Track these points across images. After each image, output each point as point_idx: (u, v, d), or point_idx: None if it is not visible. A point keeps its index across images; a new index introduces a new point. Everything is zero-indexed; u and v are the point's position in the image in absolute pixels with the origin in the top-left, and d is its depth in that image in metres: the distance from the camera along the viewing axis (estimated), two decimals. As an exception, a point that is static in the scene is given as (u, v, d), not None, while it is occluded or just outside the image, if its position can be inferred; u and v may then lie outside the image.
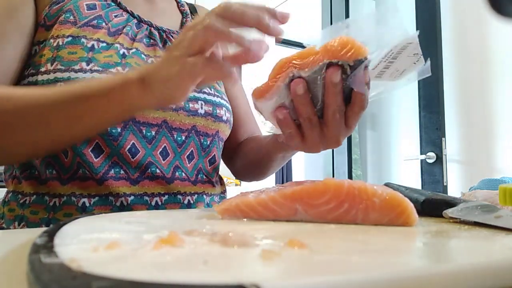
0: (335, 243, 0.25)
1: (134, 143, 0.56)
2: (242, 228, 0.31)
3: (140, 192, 0.57)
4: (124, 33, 0.60)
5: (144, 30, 0.64)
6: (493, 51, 1.75)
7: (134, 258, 0.20)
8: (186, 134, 0.61)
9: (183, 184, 0.61)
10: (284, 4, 3.32)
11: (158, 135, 0.59)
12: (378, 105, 2.36)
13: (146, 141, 0.57)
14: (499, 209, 0.35)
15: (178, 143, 0.61)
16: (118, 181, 0.55)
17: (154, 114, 0.59)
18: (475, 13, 1.82)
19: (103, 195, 0.55)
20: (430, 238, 0.28)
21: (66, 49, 0.55)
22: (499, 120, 1.72)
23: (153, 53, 0.63)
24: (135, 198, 0.56)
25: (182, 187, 0.61)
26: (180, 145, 0.61)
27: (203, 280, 0.16)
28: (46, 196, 0.55)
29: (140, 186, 0.57)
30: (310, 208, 0.34)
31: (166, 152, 0.59)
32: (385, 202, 0.33)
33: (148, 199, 0.57)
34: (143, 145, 0.57)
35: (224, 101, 0.69)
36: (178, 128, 0.61)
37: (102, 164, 0.55)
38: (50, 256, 0.20)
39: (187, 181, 0.62)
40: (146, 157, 0.57)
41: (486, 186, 0.65)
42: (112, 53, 0.57)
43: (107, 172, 0.55)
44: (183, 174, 0.61)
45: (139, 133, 0.57)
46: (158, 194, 0.58)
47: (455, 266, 0.20)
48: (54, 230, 0.27)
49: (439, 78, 1.85)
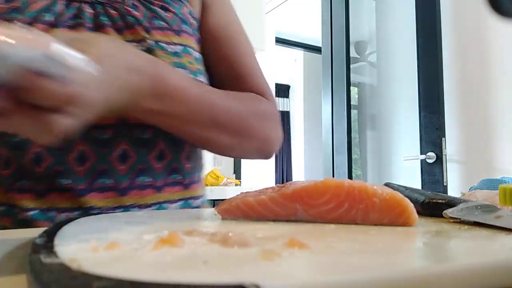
0: (335, 243, 0.25)
1: (40, 150, 0.48)
2: (242, 228, 0.31)
3: (46, 207, 0.48)
4: (41, 21, 0.50)
5: (72, 10, 0.52)
6: (493, 51, 1.75)
7: (134, 258, 0.20)
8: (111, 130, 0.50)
9: (103, 195, 0.50)
10: (284, 4, 3.32)
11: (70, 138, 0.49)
12: (378, 105, 2.36)
13: (54, 147, 0.48)
14: (499, 209, 0.35)
15: (101, 142, 0.49)
16: (22, 193, 0.48)
17: None
18: (475, 13, 1.82)
19: (9, 205, 0.49)
20: (430, 238, 0.28)
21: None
22: (499, 120, 1.72)
23: None
24: (38, 212, 0.48)
25: (99, 200, 0.49)
26: (104, 145, 0.50)
27: (203, 280, 0.16)
28: None
29: (47, 199, 0.48)
30: (310, 208, 0.34)
31: (83, 156, 0.49)
32: (385, 202, 0.33)
33: (53, 214, 0.48)
34: (51, 151, 0.48)
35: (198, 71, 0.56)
36: (97, 123, 0.47)
37: (9, 176, 0.49)
38: (50, 256, 0.20)
39: (113, 190, 0.50)
40: (54, 165, 0.48)
41: (486, 186, 0.65)
42: None
43: (13, 184, 0.49)
44: (108, 182, 0.50)
45: None
46: (67, 209, 0.49)
47: (455, 266, 0.20)
48: (54, 230, 0.27)
49: (439, 78, 1.85)
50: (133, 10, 0.55)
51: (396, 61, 2.23)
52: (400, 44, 2.19)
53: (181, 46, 0.56)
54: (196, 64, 0.58)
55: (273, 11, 3.39)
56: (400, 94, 2.18)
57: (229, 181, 1.91)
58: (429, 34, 1.88)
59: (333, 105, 2.34)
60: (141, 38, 0.53)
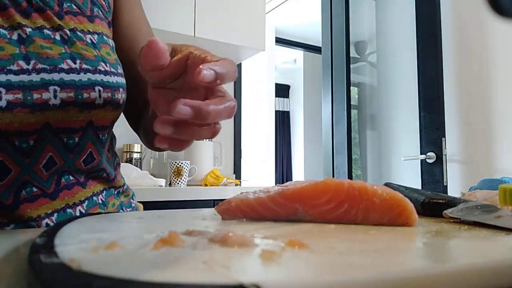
0: (335, 243, 0.25)
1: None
2: (242, 228, 0.31)
3: None
4: None
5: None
6: (493, 51, 1.75)
7: (134, 258, 0.20)
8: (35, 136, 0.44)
9: (35, 204, 0.46)
10: (284, 4, 3.31)
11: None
12: (378, 105, 2.36)
13: None
14: (499, 209, 0.35)
15: (24, 151, 0.44)
16: None
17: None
18: (475, 13, 1.82)
19: None
20: (430, 238, 0.28)
21: None
22: (499, 120, 1.72)
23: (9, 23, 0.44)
24: None
25: (34, 210, 0.45)
26: (27, 153, 0.44)
27: (203, 280, 0.16)
28: None
29: None
30: (310, 208, 0.34)
31: (4, 168, 0.44)
32: (385, 202, 0.33)
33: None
34: None
35: (101, 75, 0.49)
36: (19, 131, 0.43)
37: None
38: (50, 256, 0.20)
39: (42, 197, 0.46)
40: None
41: (486, 186, 0.65)
42: None
43: None
44: (34, 190, 0.45)
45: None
46: (3, 223, 0.44)
47: (455, 266, 0.20)
48: (54, 230, 0.27)
49: (439, 78, 1.85)
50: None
51: (396, 61, 2.23)
52: (400, 44, 2.19)
53: (97, 35, 0.52)
54: (113, 54, 0.54)
55: (273, 11, 3.39)
56: (400, 94, 2.18)
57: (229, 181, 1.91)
58: (429, 34, 1.88)
59: (333, 105, 2.34)
60: (57, 25, 0.48)
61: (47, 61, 0.44)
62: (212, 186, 1.85)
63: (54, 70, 0.45)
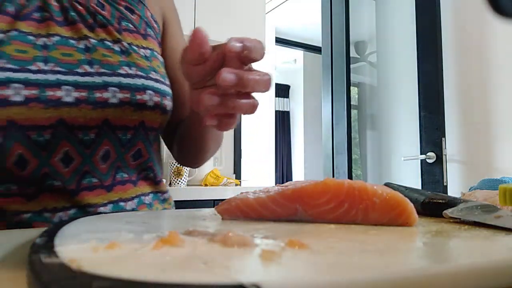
0: (335, 243, 0.25)
1: (22, 153, 0.47)
2: (242, 228, 0.31)
3: (39, 209, 0.48)
4: (2, 12, 0.48)
5: (35, 2, 0.51)
6: (493, 51, 1.75)
7: (134, 258, 0.20)
8: (95, 131, 0.50)
9: (94, 193, 0.51)
10: (284, 4, 3.32)
11: (54, 139, 0.48)
12: (378, 105, 2.36)
13: (38, 149, 0.47)
14: (499, 209, 0.35)
15: (86, 144, 0.50)
16: (10, 197, 0.47)
17: (43, 114, 0.47)
18: (475, 13, 1.82)
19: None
20: (430, 238, 0.28)
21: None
22: (499, 120, 1.72)
23: (46, 31, 0.50)
24: (32, 215, 0.48)
25: (93, 197, 0.51)
26: (88, 146, 0.50)
27: (203, 280, 0.16)
28: None
29: (38, 201, 0.48)
30: (310, 208, 0.34)
31: (68, 157, 0.49)
32: (385, 202, 0.33)
33: (49, 215, 0.48)
34: (35, 154, 0.47)
35: (152, 81, 0.56)
36: (83, 125, 0.50)
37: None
38: (50, 256, 0.20)
39: (100, 188, 0.52)
40: (40, 168, 0.47)
41: (486, 186, 0.65)
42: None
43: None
44: (94, 180, 0.51)
45: (26, 139, 0.46)
46: (62, 208, 0.49)
47: (455, 266, 0.20)
48: (54, 230, 0.27)
49: (439, 78, 1.85)
50: (100, 8, 0.56)
51: (396, 61, 2.23)
52: (400, 44, 2.19)
53: (149, 50, 0.60)
54: (162, 68, 0.62)
55: (273, 11, 3.39)
56: (400, 94, 2.18)
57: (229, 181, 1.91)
58: (429, 34, 1.88)
59: (333, 105, 2.34)
60: (116, 39, 0.56)
61: (108, 66, 0.52)
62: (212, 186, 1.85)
63: (113, 74, 0.52)
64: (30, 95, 0.46)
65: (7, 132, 0.45)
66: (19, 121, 0.46)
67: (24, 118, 0.46)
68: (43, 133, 0.47)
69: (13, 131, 0.46)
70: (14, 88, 0.45)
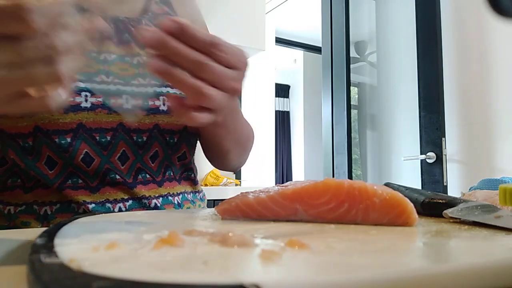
0: (335, 243, 0.25)
1: (87, 151, 0.54)
2: (242, 228, 0.31)
3: (102, 200, 0.55)
4: None
5: None
6: (493, 51, 1.75)
7: (134, 258, 0.20)
8: (147, 134, 0.58)
9: (147, 187, 0.58)
10: (284, 4, 3.32)
11: (114, 140, 0.56)
12: (378, 105, 2.36)
13: (100, 148, 0.55)
14: (499, 209, 0.35)
15: (139, 144, 0.58)
16: (77, 190, 0.54)
17: (107, 118, 0.55)
18: (475, 13, 1.82)
19: (64, 202, 0.54)
20: (430, 238, 0.28)
21: None
22: (499, 120, 1.72)
23: (106, 48, 0.58)
24: (96, 205, 0.54)
25: (147, 191, 0.58)
26: (141, 146, 0.58)
27: (203, 280, 0.16)
28: (0, 204, 0.54)
29: (101, 193, 0.55)
30: (310, 208, 0.34)
31: (125, 156, 0.57)
32: (385, 202, 0.33)
33: (110, 206, 0.55)
34: (98, 153, 0.54)
35: None
36: (137, 129, 0.57)
37: (57, 176, 0.53)
38: (50, 256, 0.20)
39: (152, 183, 0.59)
40: (103, 165, 0.55)
41: (486, 186, 0.65)
42: None
43: (64, 182, 0.54)
44: (147, 176, 0.59)
45: (92, 140, 0.54)
46: (121, 200, 0.56)
47: (455, 266, 0.20)
48: (54, 230, 0.28)
49: (439, 78, 1.85)
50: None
51: (396, 61, 2.23)
52: (400, 44, 2.19)
53: None
54: None
55: (273, 11, 3.39)
56: (400, 94, 2.18)
57: (229, 181, 1.91)
58: (429, 34, 1.88)
59: (333, 105, 2.34)
60: None
61: (158, 79, 0.59)
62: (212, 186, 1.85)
63: (163, 85, 0.60)
64: (96, 102, 0.54)
65: (76, 133, 0.53)
66: (87, 124, 0.54)
67: (91, 121, 0.54)
68: (105, 135, 0.55)
69: (81, 132, 0.53)
70: (83, 96, 0.53)
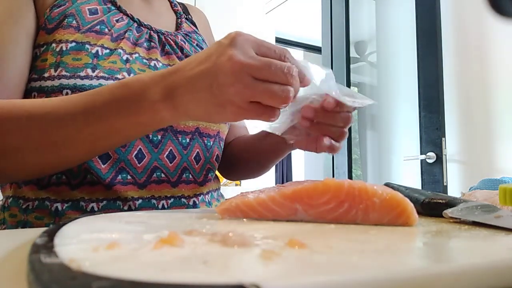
0: (335, 243, 0.25)
1: (141, 148, 0.58)
2: (242, 228, 0.31)
3: (148, 196, 0.58)
4: (126, 38, 0.61)
5: (145, 34, 0.64)
6: (493, 51, 1.75)
7: (134, 258, 0.20)
8: (190, 136, 0.62)
9: (188, 187, 0.62)
10: (284, 4, 3.31)
11: (164, 139, 0.60)
12: (378, 105, 2.36)
13: (152, 146, 0.58)
14: (499, 209, 0.35)
15: (183, 145, 0.62)
16: (126, 185, 0.56)
17: None
18: (475, 13, 1.82)
19: (111, 199, 0.56)
20: (430, 238, 0.28)
21: (70, 55, 0.55)
22: (499, 120, 1.72)
23: (154, 56, 0.63)
24: (143, 201, 0.57)
25: (187, 190, 0.62)
26: (185, 147, 0.62)
27: (203, 280, 0.16)
28: (46, 201, 0.55)
29: (148, 189, 0.58)
30: (310, 208, 0.34)
31: (172, 155, 0.61)
32: (385, 202, 0.33)
33: (155, 202, 0.58)
34: (149, 150, 0.58)
35: None
36: (182, 131, 0.62)
37: (109, 170, 0.55)
38: (50, 256, 0.20)
39: (194, 183, 0.63)
40: (152, 162, 0.58)
41: (486, 186, 0.65)
42: (116, 58, 0.57)
43: (115, 178, 0.56)
44: (190, 176, 0.62)
45: (146, 138, 0.58)
46: (164, 197, 0.59)
47: (455, 266, 0.20)
48: (54, 230, 0.27)
49: (439, 78, 1.85)
50: (184, 44, 0.69)
51: (396, 61, 2.23)
52: (400, 44, 2.19)
53: None
54: None
55: (273, 11, 3.39)
56: (400, 94, 2.18)
57: (229, 181, 1.91)
58: (429, 34, 1.88)
59: (333, 105, 2.33)
60: None
61: None
62: (212, 186, 1.85)
63: None
64: None
65: None
66: None
67: None
68: (157, 134, 0.59)
69: None
70: None
